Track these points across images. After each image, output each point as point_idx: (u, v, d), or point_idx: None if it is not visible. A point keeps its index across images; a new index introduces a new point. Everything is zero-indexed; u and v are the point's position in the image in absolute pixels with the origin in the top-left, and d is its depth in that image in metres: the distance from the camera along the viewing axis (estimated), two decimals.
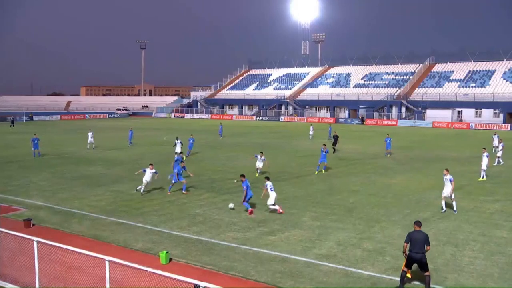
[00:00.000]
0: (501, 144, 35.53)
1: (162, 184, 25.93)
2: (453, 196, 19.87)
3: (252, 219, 18.72)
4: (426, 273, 11.99)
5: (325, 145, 31.54)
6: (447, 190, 19.88)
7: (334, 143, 41.02)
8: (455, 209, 19.88)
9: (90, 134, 43.44)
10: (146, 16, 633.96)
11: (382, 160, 36.34)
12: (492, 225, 18.06)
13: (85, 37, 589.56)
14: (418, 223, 12.57)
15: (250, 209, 19.54)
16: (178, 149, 34.86)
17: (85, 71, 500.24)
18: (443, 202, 20.04)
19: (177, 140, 36.20)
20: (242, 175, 20.38)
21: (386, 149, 39.24)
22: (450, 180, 19.80)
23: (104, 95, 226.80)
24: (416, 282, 12.46)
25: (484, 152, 28.72)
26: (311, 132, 55.80)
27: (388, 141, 39.37)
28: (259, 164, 28.77)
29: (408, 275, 12.28)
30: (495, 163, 33.45)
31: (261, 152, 29.23)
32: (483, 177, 28.17)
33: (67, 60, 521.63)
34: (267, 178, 20.50)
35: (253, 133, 64.16)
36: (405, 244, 12.29)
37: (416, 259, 12.00)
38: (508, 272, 13.27)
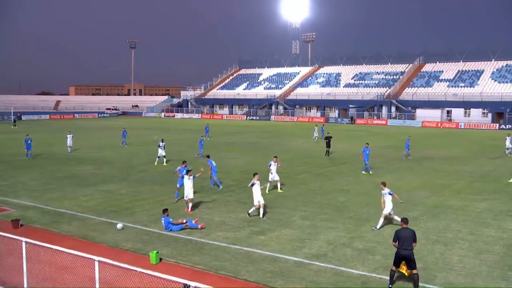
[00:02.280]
0: None
1: (152, 184, 25.87)
2: (392, 212, 17.57)
3: (243, 219, 18.71)
4: (414, 271, 12.03)
5: (367, 143, 31.12)
6: (389, 206, 17.42)
7: (328, 145, 38.94)
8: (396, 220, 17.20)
9: (69, 137, 40.74)
10: (136, 15, 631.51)
11: (372, 160, 36.39)
12: (480, 223, 18.21)
13: (74, 35, 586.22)
14: (405, 220, 12.64)
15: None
16: (161, 152, 33.79)
17: (75, 70, 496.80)
18: (381, 220, 17.45)
19: (162, 142, 34.22)
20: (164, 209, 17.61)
21: (406, 150, 38.10)
22: (390, 194, 17.56)
23: (93, 94, 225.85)
24: (405, 281, 12.51)
25: None
26: (315, 134, 53.78)
27: (408, 142, 38.26)
28: (274, 173, 24.32)
29: (404, 272, 12.19)
30: None
31: (275, 157, 25.29)
32: None
33: (56, 59, 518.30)
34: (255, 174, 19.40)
35: (243, 133, 64.14)
36: (393, 243, 12.35)
37: (405, 256, 12.04)
38: (496, 270, 13.38)
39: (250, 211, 19.02)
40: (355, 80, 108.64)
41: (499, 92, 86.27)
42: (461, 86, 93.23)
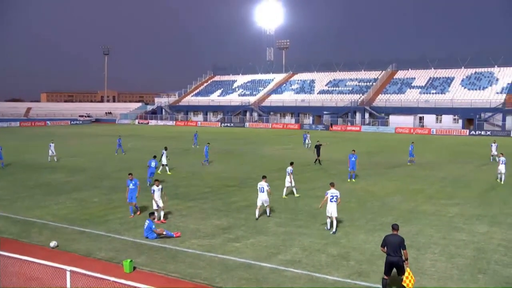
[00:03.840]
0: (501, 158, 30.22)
1: (125, 192, 25.52)
2: (336, 215, 17.73)
3: (217, 226, 18.64)
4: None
5: (354, 150, 31.01)
6: (333, 207, 17.65)
7: (318, 154, 37.53)
8: (334, 230, 17.70)
9: (51, 145, 39.09)
10: (110, 22, 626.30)
11: (345, 166, 36.73)
12: (452, 228, 18.49)
13: (46, 41, 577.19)
14: (395, 226, 12.53)
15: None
16: (164, 160, 32.53)
17: (46, 77, 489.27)
18: (328, 221, 18.00)
19: (165, 150, 33.08)
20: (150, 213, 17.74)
21: (410, 156, 38.32)
22: (330, 195, 17.79)
23: (66, 101, 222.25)
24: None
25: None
26: (307, 141, 52.67)
27: (411, 148, 38.60)
28: (288, 180, 24.55)
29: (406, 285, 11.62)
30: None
31: (292, 163, 25.46)
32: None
33: (26, 64, 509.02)
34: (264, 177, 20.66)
35: (218, 140, 63.91)
36: (381, 248, 12.31)
37: (392, 262, 11.97)
38: (467, 273, 13.60)
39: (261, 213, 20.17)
40: (329, 87, 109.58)
41: (468, 99, 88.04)
42: (432, 93, 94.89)
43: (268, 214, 20.30)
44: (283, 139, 66.93)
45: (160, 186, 19.77)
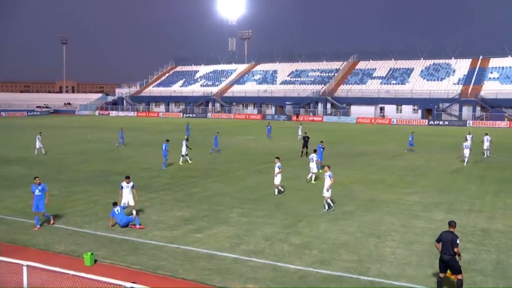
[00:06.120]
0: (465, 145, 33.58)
1: (86, 184, 25.08)
2: (329, 194, 19.40)
3: (179, 217, 18.52)
4: (455, 277, 11.63)
5: (322, 141, 31.19)
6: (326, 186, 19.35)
7: (305, 146, 36.41)
8: (326, 207, 19.56)
9: (39, 138, 37.41)
10: (67, 10, 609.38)
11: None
12: (411, 215, 18.92)
13: None
14: (452, 223, 11.99)
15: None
16: (183, 151, 32.72)
17: (0, 66, 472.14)
18: (325, 201, 19.69)
19: (186, 141, 33.56)
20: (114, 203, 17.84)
21: (409, 146, 39.71)
22: (330, 176, 19.29)
23: (22, 91, 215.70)
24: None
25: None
26: (300, 132, 50.83)
27: (411, 138, 39.89)
28: (313, 166, 26.01)
29: (450, 276, 11.65)
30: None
31: (315, 150, 27.35)
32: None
33: None
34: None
35: (180, 131, 63.36)
36: (436, 243, 11.99)
37: (443, 260, 11.66)
38: (425, 259, 13.95)
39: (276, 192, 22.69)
40: (291, 77, 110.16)
41: (427, 90, 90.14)
42: (393, 83, 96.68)
43: (276, 193, 22.74)
44: (246, 129, 66.95)
45: (130, 184, 18.27)
